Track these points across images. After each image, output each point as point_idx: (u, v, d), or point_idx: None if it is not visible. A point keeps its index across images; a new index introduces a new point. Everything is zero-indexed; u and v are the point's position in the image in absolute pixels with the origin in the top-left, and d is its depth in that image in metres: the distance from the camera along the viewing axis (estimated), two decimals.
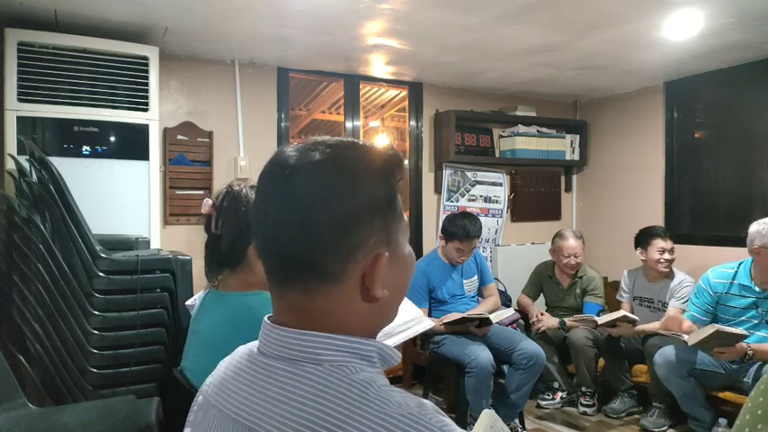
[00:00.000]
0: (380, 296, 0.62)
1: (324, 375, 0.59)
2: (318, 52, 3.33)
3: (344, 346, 0.61)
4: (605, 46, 3.18)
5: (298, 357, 0.61)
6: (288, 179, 0.61)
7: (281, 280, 0.63)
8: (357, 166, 0.62)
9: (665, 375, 2.85)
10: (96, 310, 2.02)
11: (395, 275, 0.65)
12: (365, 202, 0.61)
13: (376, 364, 0.63)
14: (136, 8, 2.56)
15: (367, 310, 0.64)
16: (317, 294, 0.61)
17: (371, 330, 0.66)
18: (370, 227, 0.61)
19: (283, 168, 0.62)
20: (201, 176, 3.39)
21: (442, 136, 4.15)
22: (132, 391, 2.03)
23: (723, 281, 2.87)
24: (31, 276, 1.97)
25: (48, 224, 2.02)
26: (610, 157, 4.57)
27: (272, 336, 0.64)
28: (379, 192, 0.62)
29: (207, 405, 0.69)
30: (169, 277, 2.18)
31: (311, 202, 0.59)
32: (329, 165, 0.61)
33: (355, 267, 0.61)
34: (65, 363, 1.98)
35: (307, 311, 0.62)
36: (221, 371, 0.72)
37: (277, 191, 0.62)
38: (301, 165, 0.61)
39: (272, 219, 0.62)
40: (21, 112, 2.57)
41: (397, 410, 0.55)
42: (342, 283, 0.61)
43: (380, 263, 0.62)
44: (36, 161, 2.13)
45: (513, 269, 4.18)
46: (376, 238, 0.62)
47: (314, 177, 0.61)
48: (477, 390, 2.80)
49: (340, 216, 0.59)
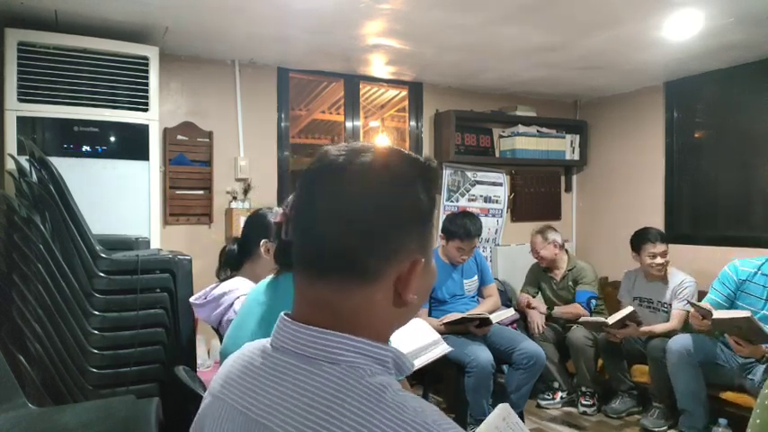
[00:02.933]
0: (410, 301, 0.64)
1: (340, 375, 0.59)
2: (318, 52, 3.33)
3: (363, 348, 0.61)
4: (605, 46, 3.18)
5: (314, 356, 0.61)
6: (337, 177, 0.62)
7: (315, 274, 0.63)
8: (405, 172, 0.64)
9: (676, 361, 2.83)
10: (96, 311, 2.02)
11: (424, 283, 0.67)
12: (411, 208, 0.63)
13: (391, 369, 0.64)
14: (136, 8, 2.56)
15: (392, 314, 0.65)
16: (350, 292, 0.62)
17: (387, 334, 0.67)
18: (412, 232, 0.63)
19: (332, 167, 0.63)
20: (201, 176, 3.39)
21: (442, 136, 4.15)
22: (132, 391, 2.03)
23: (749, 269, 2.84)
24: (31, 276, 1.97)
25: (48, 224, 2.02)
26: (610, 157, 4.57)
27: (289, 332, 0.64)
28: (424, 199, 0.64)
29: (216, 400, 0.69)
30: (169, 277, 2.18)
31: (361, 201, 0.61)
32: (379, 168, 0.63)
33: (393, 270, 0.62)
34: (65, 363, 1.97)
35: (333, 308, 0.62)
36: (227, 367, 0.72)
37: (325, 187, 0.63)
38: (351, 165, 0.63)
39: (318, 213, 0.62)
40: (21, 112, 2.57)
41: (413, 417, 0.55)
42: (377, 284, 0.62)
43: (417, 268, 0.63)
44: (36, 161, 2.12)
45: (513, 269, 4.18)
46: (416, 244, 0.63)
47: (364, 178, 0.62)
48: (477, 390, 2.80)
49: (388, 218, 0.61)
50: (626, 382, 3.31)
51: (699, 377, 2.80)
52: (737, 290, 2.85)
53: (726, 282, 2.88)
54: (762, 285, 2.77)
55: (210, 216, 3.42)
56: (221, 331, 1.91)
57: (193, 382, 1.52)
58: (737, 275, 2.86)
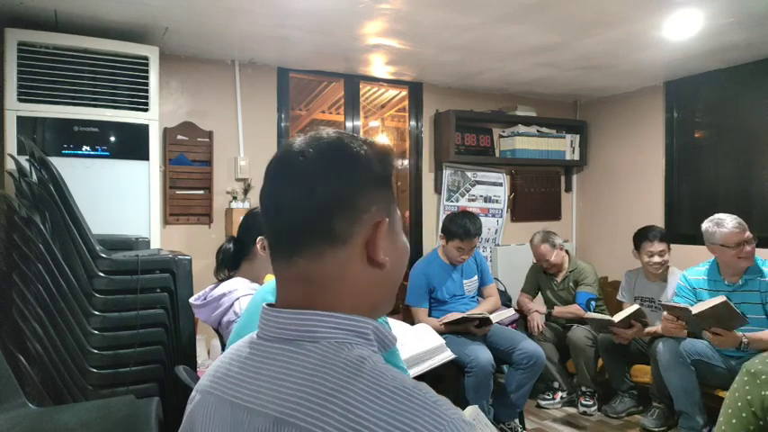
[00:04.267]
0: (383, 261, 0.66)
1: (321, 352, 0.60)
2: (318, 52, 3.33)
3: (341, 323, 0.63)
4: (605, 46, 3.18)
5: (296, 337, 0.63)
6: (296, 158, 0.67)
7: (290, 249, 0.66)
8: (357, 147, 0.69)
9: (667, 362, 2.85)
10: (96, 311, 2.03)
11: (393, 250, 0.70)
12: (367, 174, 0.68)
13: (372, 342, 0.65)
14: (136, 8, 2.56)
15: (370, 278, 0.67)
16: (323, 258, 0.65)
17: (370, 307, 0.68)
18: (371, 195, 0.67)
19: (291, 151, 0.68)
20: (201, 176, 3.40)
21: (442, 136, 4.15)
22: (132, 391, 2.03)
23: (698, 277, 2.97)
24: (31, 276, 1.97)
25: (48, 224, 2.02)
26: (610, 157, 4.57)
27: (270, 319, 0.66)
28: (377, 168, 0.69)
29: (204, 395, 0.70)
30: (169, 277, 2.18)
31: (320, 172, 0.66)
32: (334, 145, 0.68)
33: (360, 231, 0.65)
34: (65, 363, 1.98)
35: (311, 279, 0.65)
36: (215, 364, 0.73)
37: (286, 169, 0.68)
38: (308, 146, 0.68)
39: (282, 192, 0.67)
40: (21, 112, 2.57)
41: (392, 383, 0.56)
42: (349, 246, 0.65)
43: (382, 228, 0.67)
44: (36, 161, 2.12)
45: (513, 269, 4.18)
46: (377, 207, 0.67)
47: (321, 154, 0.67)
48: (477, 390, 2.80)
49: (347, 182, 0.66)
50: (626, 382, 3.31)
51: (691, 377, 2.81)
52: (695, 298, 2.94)
53: (682, 293, 3.01)
54: (713, 290, 2.87)
55: (210, 216, 3.42)
56: (221, 332, 1.91)
57: (193, 381, 1.52)
58: (689, 284, 2.99)
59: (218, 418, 0.66)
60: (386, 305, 0.72)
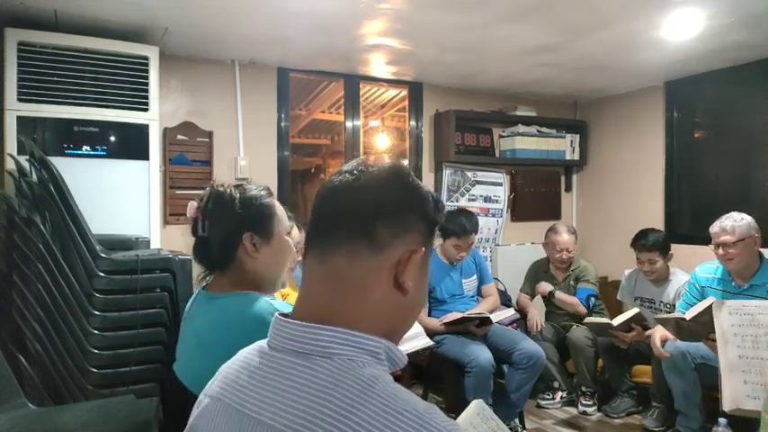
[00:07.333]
0: (408, 287, 0.67)
1: (331, 368, 0.60)
2: (318, 52, 3.33)
3: (354, 340, 0.63)
4: (605, 46, 3.18)
5: (308, 351, 0.63)
6: (358, 175, 0.70)
7: (328, 245, 0.67)
8: (419, 181, 0.74)
9: (672, 364, 2.83)
10: (96, 310, 2.03)
11: (418, 283, 0.70)
12: (422, 205, 0.71)
13: (384, 361, 0.65)
14: (136, 8, 2.56)
15: (391, 300, 0.68)
16: (360, 259, 0.66)
17: (387, 329, 0.68)
18: (419, 224, 0.69)
19: (352, 170, 0.71)
20: (201, 176, 3.39)
21: (442, 136, 4.15)
22: (132, 391, 2.03)
23: (707, 275, 2.91)
24: (31, 276, 1.97)
25: (48, 224, 2.02)
26: (610, 157, 4.57)
27: (283, 330, 0.66)
28: (431, 208, 0.72)
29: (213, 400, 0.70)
30: (169, 277, 2.18)
31: (382, 181, 0.69)
32: (398, 167, 0.73)
33: (398, 247, 0.67)
34: (65, 363, 1.98)
35: (344, 280, 0.66)
36: (225, 370, 0.73)
37: (345, 185, 0.70)
38: (371, 167, 0.71)
39: (341, 191, 0.69)
40: (21, 112, 2.57)
41: (403, 406, 0.56)
42: (383, 257, 0.66)
43: (416, 256, 0.68)
44: (36, 161, 2.13)
45: (513, 269, 4.18)
46: (419, 236, 0.69)
47: (381, 174, 0.70)
48: (477, 390, 2.80)
49: (403, 199, 0.69)
50: (626, 382, 3.31)
51: (694, 379, 2.80)
52: (701, 296, 2.88)
53: (691, 291, 2.95)
54: (721, 290, 2.81)
55: None
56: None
57: None
58: (698, 282, 2.92)
59: (223, 425, 0.66)
60: (400, 332, 0.72)
